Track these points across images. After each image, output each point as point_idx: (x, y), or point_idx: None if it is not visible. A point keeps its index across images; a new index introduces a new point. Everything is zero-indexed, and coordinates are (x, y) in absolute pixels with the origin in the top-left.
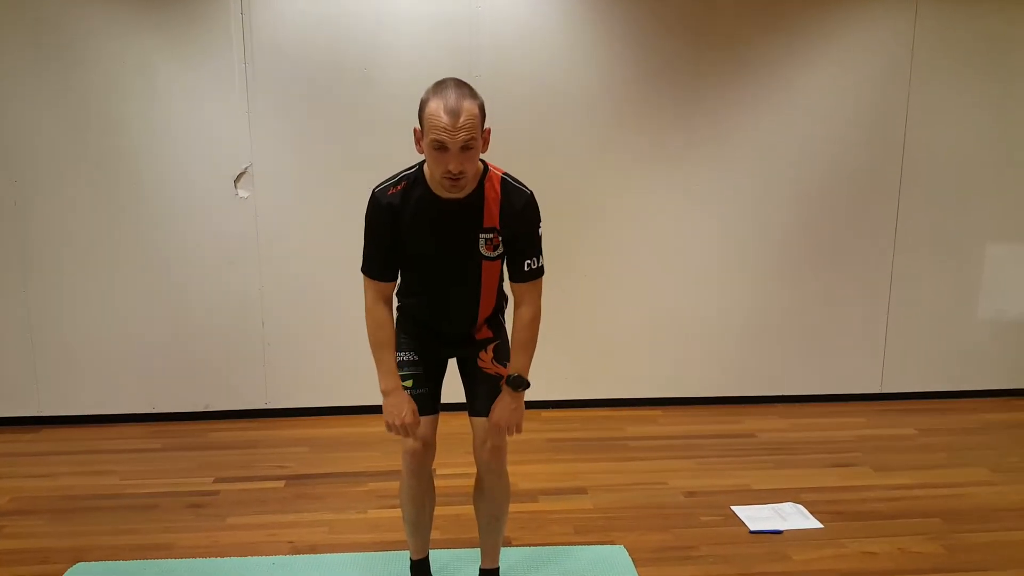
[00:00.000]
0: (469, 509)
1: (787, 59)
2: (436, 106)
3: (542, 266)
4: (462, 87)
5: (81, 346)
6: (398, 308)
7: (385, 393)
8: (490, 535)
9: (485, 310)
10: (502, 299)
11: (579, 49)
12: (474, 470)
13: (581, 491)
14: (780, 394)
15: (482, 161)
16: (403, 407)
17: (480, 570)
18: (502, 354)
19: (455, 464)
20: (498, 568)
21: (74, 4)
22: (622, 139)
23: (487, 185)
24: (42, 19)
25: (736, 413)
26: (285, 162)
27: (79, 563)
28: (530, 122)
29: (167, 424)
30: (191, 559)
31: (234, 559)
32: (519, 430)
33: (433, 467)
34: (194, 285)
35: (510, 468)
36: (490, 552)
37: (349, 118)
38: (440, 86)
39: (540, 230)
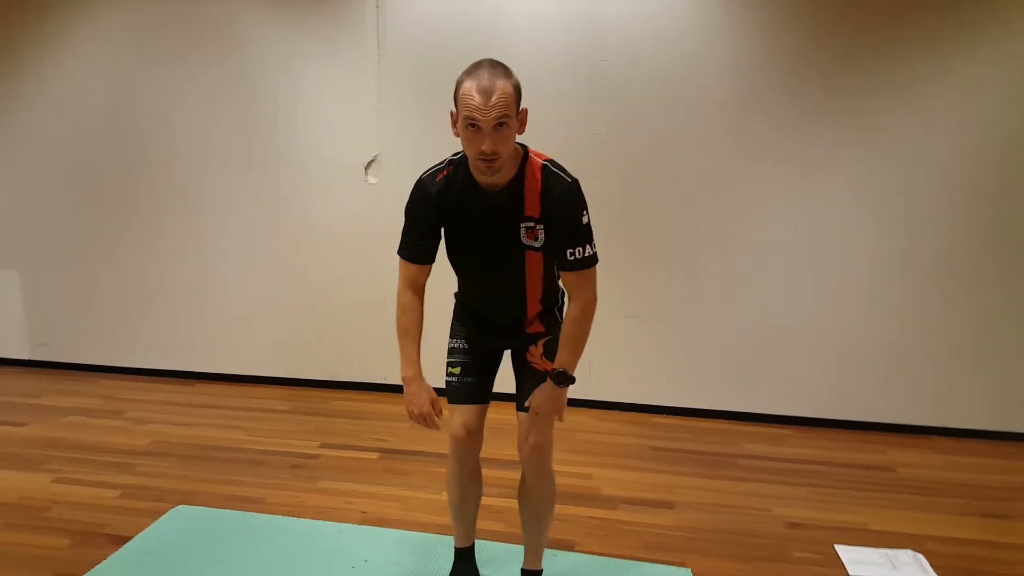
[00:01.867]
0: None
1: (940, 64)
2: (469, 86)
3: (591, 256)
4: (496, 67)
5: (234, 315)
6: (456, 295)
7: (405, 381)
8: (531, 535)
9: (534, 303)
10: (557, 293)
11: (707, 36)
12: None
13: (667, 505)
14: (939, 425)
15: (523, 147)
16: (421, 396)
17: (521, 570)
18: (553, 351)
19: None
20: (540, 571)
21: (233, 12)
22: (753, 134)
23: (527, 172)
24: (209, 28)
25: (881, 442)
26: (410, 151)
27: (181, 505)
28: (654, 112)
29: (298, 389)
30: (271, 515)
31: (306, 520)
32: (560, 419)
33: (481, 456)
34: (329, 264)
35: (597, 470)
36: (531, 552)
37: None
38: (474, 66)
39: (585, 218)
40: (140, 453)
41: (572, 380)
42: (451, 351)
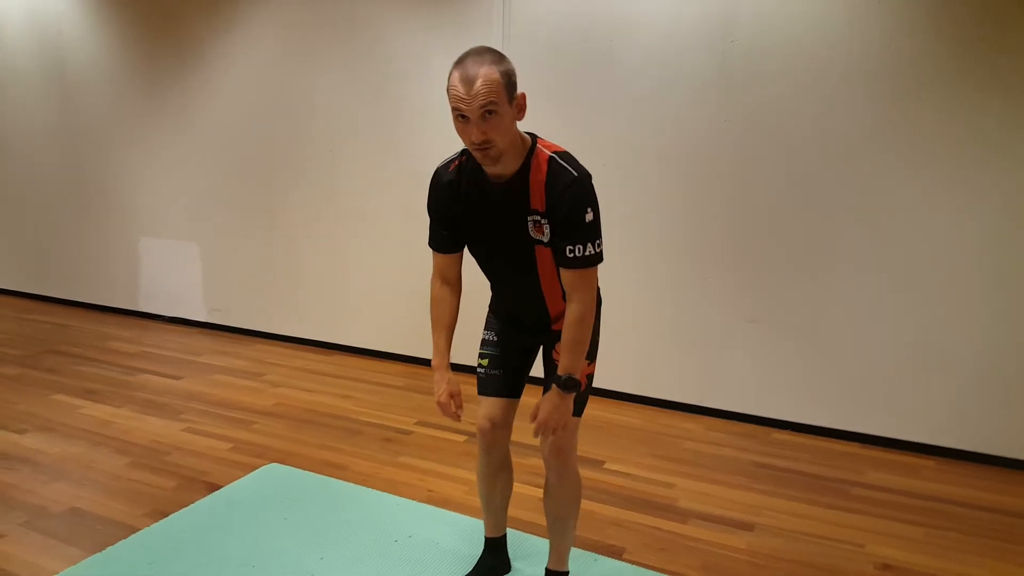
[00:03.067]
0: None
1: None
2: (454, 76)
3: (592, 255)
4: (483, 54)
5: (367, 292)
6: (492, 288)
7: (433, 371)
8: (554, 535)
9: (554, 300)
10: None
11: (857, 10)
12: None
13: (746, 527)
14: None
15: (533, 137)
16: (441, 386)
17: (545, 570)
18: None
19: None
20: (565, 572)
21: (372, 10)
22: (909, 122)
23: (533, 164)
24: (350, 24)
25: None
26: None
27: (274, 464)
28: (789, 97)
29: (416, 367)
30: (346, 482)
31: (374, 491)
32: (565, 430)
33: (526, 444)
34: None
35: (683, 480)
36: (554, 552)
37: (592, 101)
38: (461, 56)
39: (589, 215)
40: (262, 413)
41: (579, 386)
42: (482, 343)
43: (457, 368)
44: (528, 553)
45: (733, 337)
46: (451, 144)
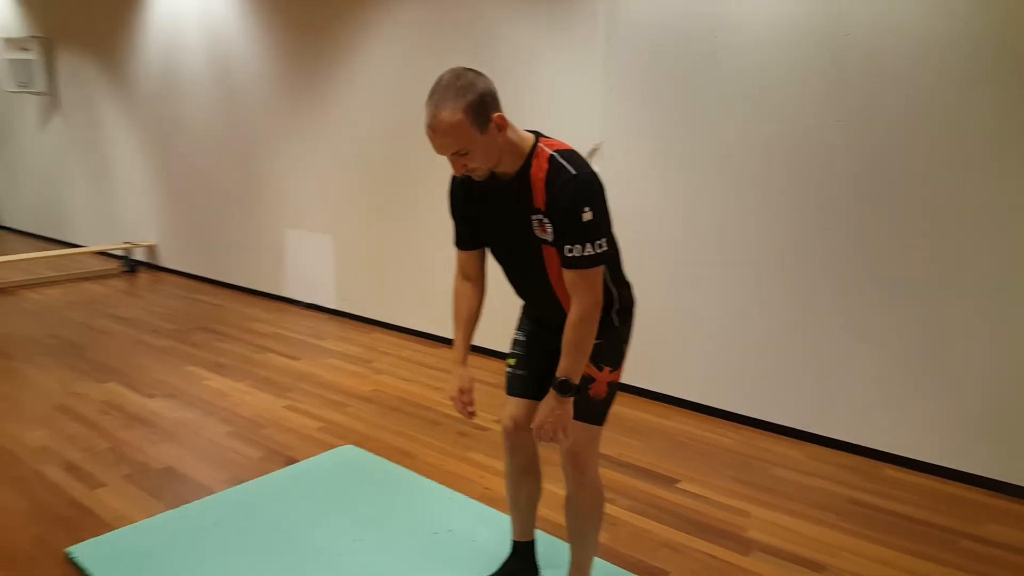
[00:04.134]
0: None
1: None
2: (425, 116)
3: (592, 256)
4: (447, 91)
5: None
6: None
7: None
8: (573, 546)
9: (569, 300)
10: (605, 293)
11: (982, 6)
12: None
13: (815, 567)
14: None
15: (536, 135)
16: (452, 383)
17: None
18: (601, 356)
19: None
20: None
21: (483, 10)
22: None
23: (534, 163)
24: (463, 26)
25: None
26: (633, 141)
27: (351, 445)
28: (911, 95)
29: None
30: (409, 470)
31: (432, 482)
32: (565, 436)
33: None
34: None
35: (759, 509)
36: (574, 564)
37: (695, 100)
38: (431, 90)
39: (587, 215)
40: (358, 397)
41: (577, 390)
42: (512, 342)
43: (657, 397)
44: (561, 562)
45: (847, 358)
46: (565, 139)
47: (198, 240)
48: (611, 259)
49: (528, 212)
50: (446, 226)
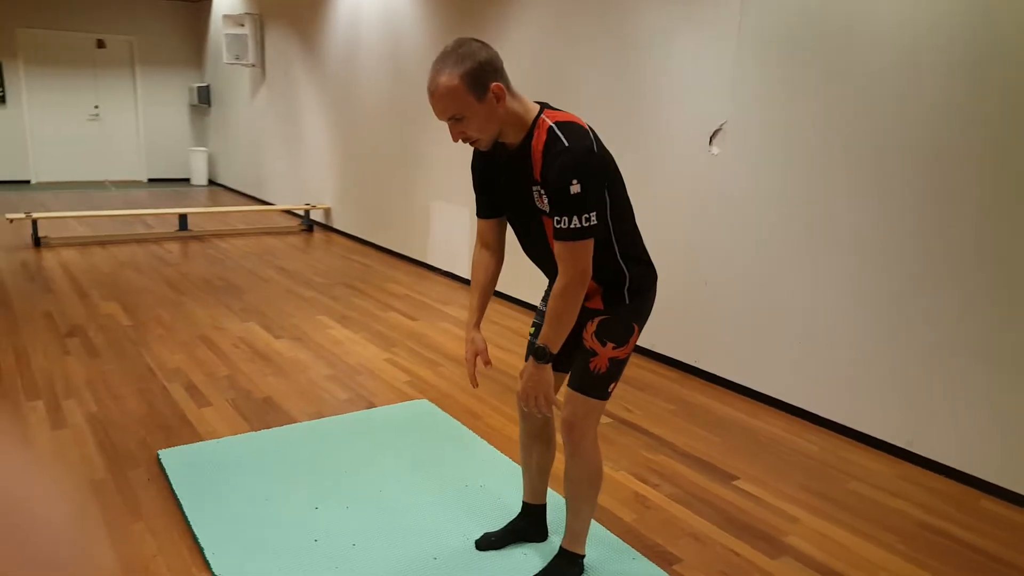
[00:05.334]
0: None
1: None
2: (427, 80)
3: (577, 229)
4: (447, 57)
5: None
6: None
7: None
8: (568, 513)
9: None
10: (616, 270)
11: None
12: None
13: None
14: None
15: (542, 106)
16: (466, 347)
17: (559, 546)
18: (605, 331)
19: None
20: (578, 555)
21: None
22: None
23: (535, 134)
24: (600, 4)
25: None
26: (760, 122)
27: (425, 400)
28: None
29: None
30: (468, 430)
31: (483, 442)
32: (547, 409)
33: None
34: (660, 230)
35: (812, 518)
36: (568, 531)
37: (826, 86)
38: (436, 57)
39: (575, 187)
40: (451, 358)
41: (551, 357)
42: (536, 312)
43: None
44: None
45: (960, 376)
46: (679, 118)
47: (363, 205)
48: (625, 235)
49: (529, 183)
50: None
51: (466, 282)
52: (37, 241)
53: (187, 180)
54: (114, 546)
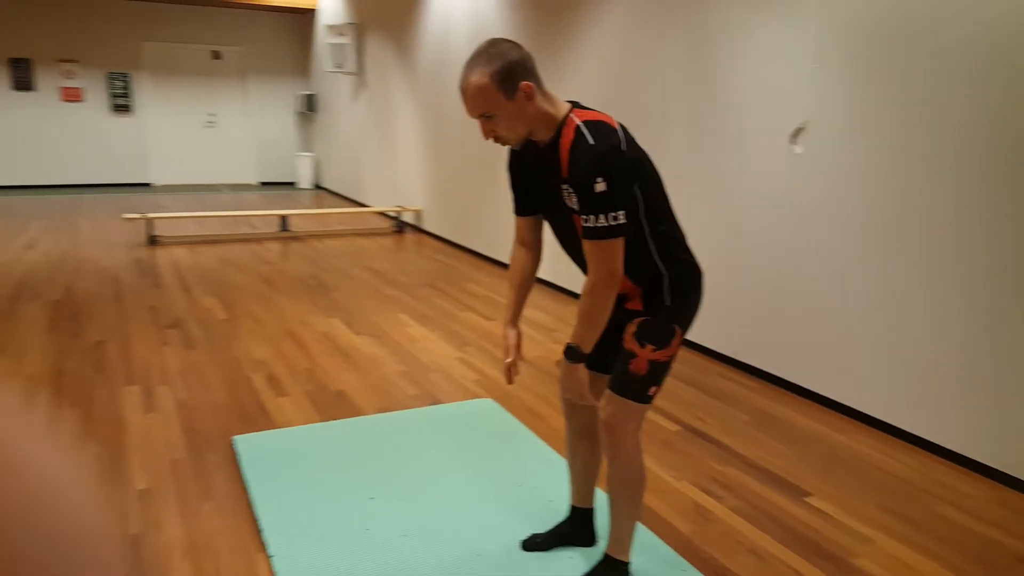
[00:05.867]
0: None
1: None
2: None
3: (604, 228)
4: (479, 56)
5: None
6: None
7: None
8: (611, 517)
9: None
10: (655, 270)
11: None
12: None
13: None
14: None
15: (573, 105)
16: (502, 342)
17: (604, 552)
18: (645, 333)
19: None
20: (623, 562)
21: None
22: None
23: (564, 133)
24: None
25: None
26: (844, 120)
27: (490, 399)
28: None
29: (697, 355)
30: (529, 431)
31: (543, 443)
32: (584, 399)
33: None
34: (742, 233)
35: (889, 541)
36: (611, 537)
37: (910, 84)
38: (469, 58)
39: (600, 185)
40: (522, 359)
41: (584, 357)
42: None
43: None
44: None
45: None
46: (758, 116)
47: (452, 207)
48: (662, 235)
49: (558, 181)
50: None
51: (546, 284)
52: (152, 239)
53: (294, 184)
54: (183, 521)
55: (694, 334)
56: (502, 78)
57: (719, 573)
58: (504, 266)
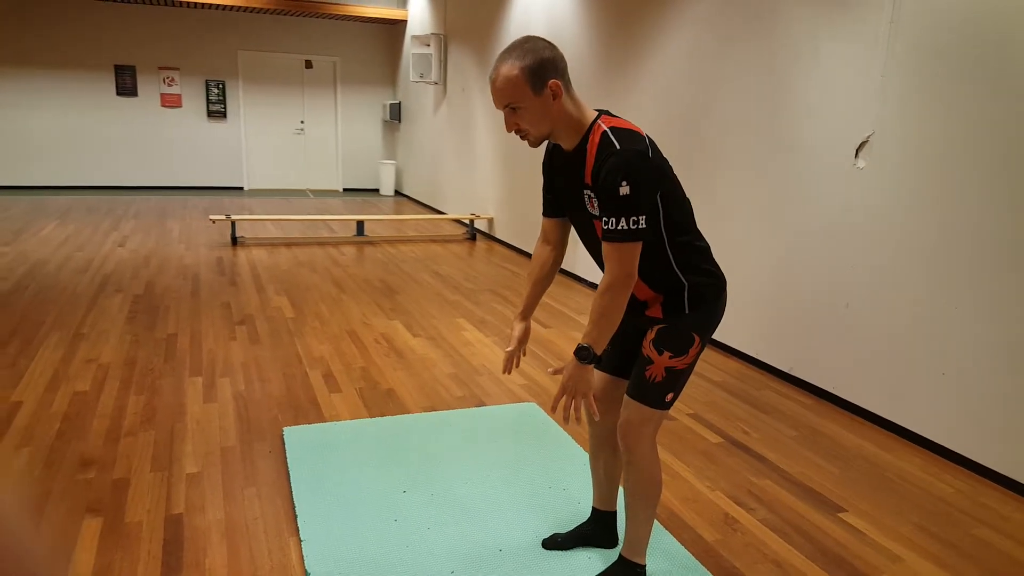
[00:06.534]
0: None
1: None
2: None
3: (624, 231)
4: (513, 50)
5: (734, 289)
6: None
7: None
8: (627, 520)
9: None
10: (670, 278)
11: None
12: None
13: None
14: None
15: (600, 112)
16: (511, 335)
17: (619, 553)
18: (663, 340)
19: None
20: (638, 565)
21: None
22: None
23: (590, 139)
24: (753, 12)
25: None
26: (911, 134)
27: (534, 404)
28: None
29: (747, 367)
30: (567, 435)
31: (578, 448)
32: (581, 406)
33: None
34: (800, 248)
35: (920, 562)
36: (627, 539)
37: (980, 96)
38: (502, 51)
39: (624, 188)
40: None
41: (594, 358)
42: None
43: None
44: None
45: None
46: (821, 129)
47: (521, 216)
48: (683, 247)
49: (581, 187)
50: (712, 216)
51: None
52: (234, 240)
53: (376, 190)
54: (225, 504)
55: (751, 347)
56: (532, 72)
57: None
58: (568, 275)
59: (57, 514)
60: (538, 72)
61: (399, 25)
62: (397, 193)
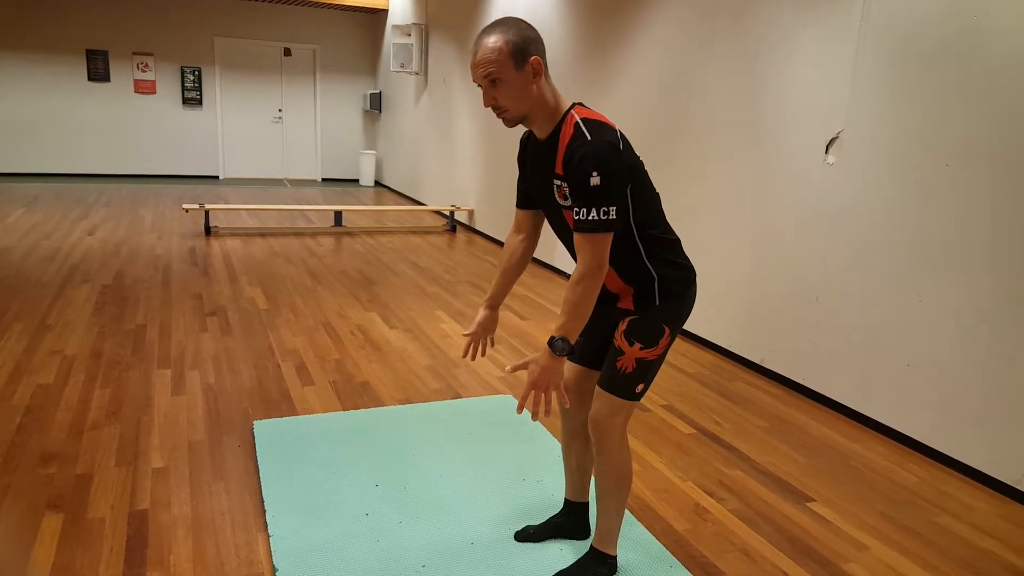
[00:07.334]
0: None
1: None
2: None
3: (595, 221)
4: (497, 25)
5: (713, 283)
6: None
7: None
8: (598, 511)
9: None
10: (646, 271)
11: None
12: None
13: None
14: None
15: (576, 103)
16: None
17: (590, 545)
18: (633, 331)
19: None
20: (608, 555)
21: None
22: None
23: (563, 129)
24: (731, 6)
25: None
26: (881, 130)
27: (510, 395)
28: None
29: (722, 359)
30: (540, 427)
31: (553, 441)
32: (550, 398)
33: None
34: (772, 242)
35: (886, 552)
36: (598, 530)
37: (949, 94)
38: (485, 28)
39: (595, 179)
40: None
41: (568, 350)
42: None
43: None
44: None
45: None
46: (792, 124)
47: (502, 208)
48: (653, 239)
49: (551, 176)
50: (687, 209)
51: None
52: (208, 230)
53: (356, 181)
54: (192, 499)
55: (724, 339)
56: (515, 46)
57: (707, 571)
58: (547, 267)
59: (15, 510)
60: (522, 47)
61: (380, 14)
62: (377, 183)
